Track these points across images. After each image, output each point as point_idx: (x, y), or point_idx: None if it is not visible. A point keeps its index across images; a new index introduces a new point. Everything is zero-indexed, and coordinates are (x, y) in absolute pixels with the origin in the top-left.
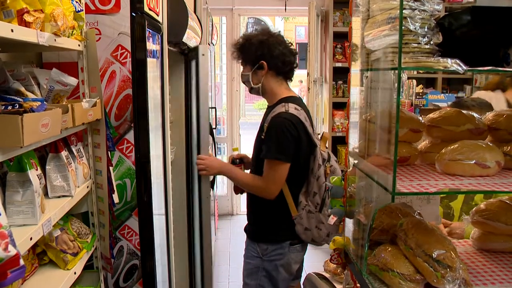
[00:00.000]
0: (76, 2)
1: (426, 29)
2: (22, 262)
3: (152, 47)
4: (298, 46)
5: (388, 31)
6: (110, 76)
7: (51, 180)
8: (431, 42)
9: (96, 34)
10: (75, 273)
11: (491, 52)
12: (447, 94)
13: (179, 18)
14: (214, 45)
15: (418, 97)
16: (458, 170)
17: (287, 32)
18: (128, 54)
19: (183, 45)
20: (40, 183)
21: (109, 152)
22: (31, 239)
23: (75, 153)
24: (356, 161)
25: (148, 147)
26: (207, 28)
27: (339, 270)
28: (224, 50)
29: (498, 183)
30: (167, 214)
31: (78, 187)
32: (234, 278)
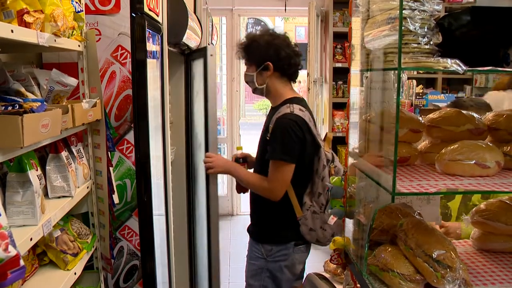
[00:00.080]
0: (76, 3)
1: (426, 29)
2: (22, 262)
3: (152, 47)
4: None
5: (388, 32)
6: (110, 77)
7: (51, 180)
8: (431, 42)
9: (96, 35)
10: (75, 273)
11: (491, 52)
12: (447, 94)
13: (179, 19)
14: (214, 45)
15: (418, 97)
16: (458, 170)
17: (287, 33)
18: (128, 55)
19: (183, 45)
20: (40, 184)
21: (109, 152)
22: (31, 239)
23: (75, 153)
24: (356, 161)
25: (148, 148)
26: (207, 28)
27: (339, 270)
28: (224, 51)
29: (498, 183)
30: (167, 214)
31: (78, 187)
32: (234, 278)
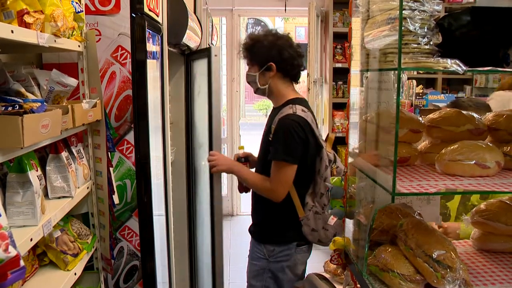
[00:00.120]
0: (76, 3)
1: (426, 29)
2: (22, 263)
3: (152, 48)
4: None
5: (388, 32)
6: (110, 77)
7: (51, 181)
8: (431, 43)
9: (96, 35)
10: (75, 274)
11: (490, 52)
12: (447, 95)
13: (179, 19)
14: (214, 45)
15: (418, 97)
16: (458, 170)
17: (290, 33)
18: (128, 55)
19: (183, 45)
20: (40, 184)
21: (109, 153)
22: (31, 240)
23: (75, 154)
24: (356, 161)
25: (148, 148)
26: (207, 28)
27: (339, 270)
28: (224, 51)
29: (498, 184)
30: (167, 214)
31: (78, 188)
32: (235, 279)
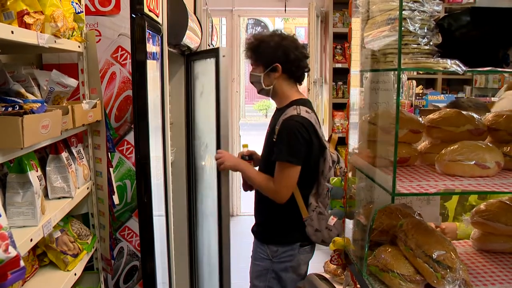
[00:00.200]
0: (76, 4)
1: (426, 30)
2: (22, 263)
3: (152, 48)
4: None
5: (388, 32)
6: (110, 78)
7: (51, 181)
8: (431, 43)
9: (96, 36)
10: (75, 274)
11: (490, 52)
12: (447, 95)
13: (179, 19)
14: (214, 46)
15: (418, 97)
16: (458, 170)
17: (295, 35)
18: (128, 56)
19: (183, 46)
20: (40, 185)
21: (109, 153)
22: (31, 240)
23: (75, 154)
24: (356, 161)
25: (148, 149)
26: (207, 29)
27: (339, 271)
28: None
29: (498, 184)
30: (167, 215)
31: (78, 188)
32: (236, 279)
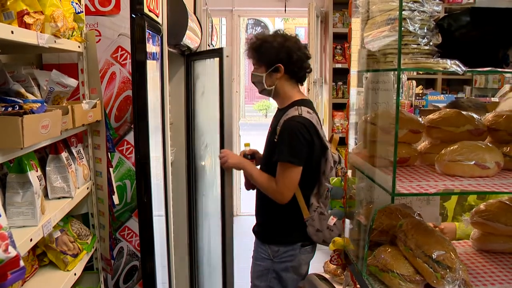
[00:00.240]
0: (76, 4)
1: (426, 30)
2: (22, 263)
3: (152, 48)
4: None
5: (388, 32)
6: (110, 78)
7: (51, 181)
8: (431, 43)
9: (96, 36)
10: (75, 274)
11: (490, 53)
12: (447, 95)
13: (179, 20)
14: (214, 46)
15: (417, 98)
16: (457, 171)
17: (298, 35)
18: (128, 56)
19: (183, 46)
20: (40, 185)
21: (109, 153)
22: (31, 240)
23: (75, 154)
24: (356, 162)
25: (148, 148)
26: (206, 29)
27: (339, 271)
28: None
29: (497, 184)
30: (167, 215)
31: (78, 188)
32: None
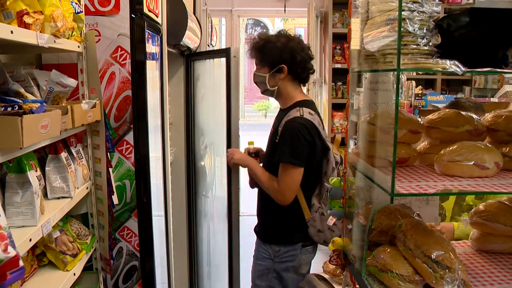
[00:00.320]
0: (76, 4)
1: (425, 30)
2: (21, 263)
3: (151, 48)
4: None
5: (387, 33)
6: (110, 78)
7: (50, 181)
8: (430, 44)
9: (96, 36)
10: (74, 274)
11: (489, 53)
12: (446, 95)
13: (178, 20)
14: (213, 46)
15: (417, 98)
16: (457, 171)
17: (301, 36)
18: (128, 56)
19: (183, 46)
20: (39, 184)
21: (108, 153)
22: (30, 240)
23: (75, 154)
24: (355, 162)
25: (147, 149)
26: (206, 29)
27: (338, 271)
28: None
29: (497, 184)
30: (166, 215)
31: (78, 188)
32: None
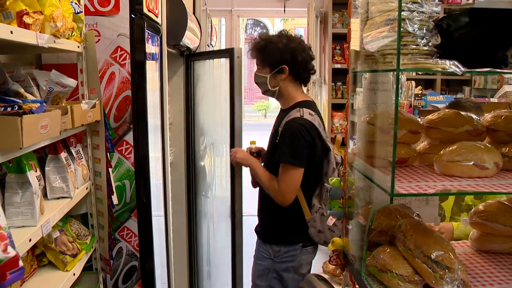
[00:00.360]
0: (76, 4)
1: (425, 30)
2: (21, 263)
3: (151, 48)
4: None
5: (387, 33)
6: (109, 78)
7: (50, 181)
8: (430, 44)
9: (95, 36)
10: (74, 274)
11: (489, 53)
12: (446, 95)
13: (178, 20)
14: (213, 46)
15: (417, 98)
16: (456, 171)
17: (302, 36)
18: (127, 56)
19: (182, 46)
20: (39, 185)
21: (108, 153)
22: (30, 240)
23: (74, 154)
24: (355, 162)
25: (147, 149)
26: (206, 29)
27: (338, 271)
28: None
29: (496, 184)
30: (166, 215)
31: (77, 188)
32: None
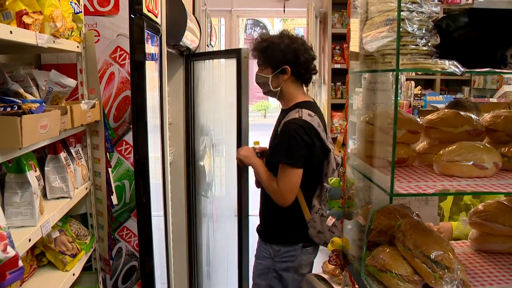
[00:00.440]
0: (75, 4)
1: (424, 30)
2: (20, 263)
3: (151, 49)
4: None
5: (386, 33)
6: (109, 78)
7: (49, 181)
8: (429, 44)
9: (95, 36)
10: (73, 274)
11: (488, 53)
12: (446, 96)
13: (178, 20)
14: (212, 46)
15: (416, 98)
16: (456, 171)
17: (304, 36)
18: (127, 56)
19: (182, 46)
20: (39, 185)
21: (108, 153)
22: (29, 240)
23: (74, 154)
24: (354, 162)
25: (146, 149)
26: (205, 29)
27: (337, 271)
28: None
29: (495, 184)
30: (166, 215)
31: (77, 188)
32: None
